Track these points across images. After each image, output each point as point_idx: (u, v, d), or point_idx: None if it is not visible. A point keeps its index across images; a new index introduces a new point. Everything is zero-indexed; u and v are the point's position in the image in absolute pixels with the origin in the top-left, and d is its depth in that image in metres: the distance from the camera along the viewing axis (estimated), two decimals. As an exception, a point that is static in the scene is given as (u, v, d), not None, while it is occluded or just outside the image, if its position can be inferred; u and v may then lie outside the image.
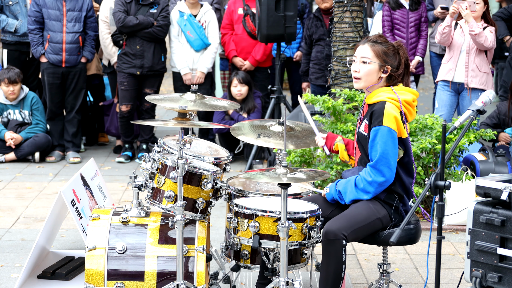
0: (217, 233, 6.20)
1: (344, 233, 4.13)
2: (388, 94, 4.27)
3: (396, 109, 4.23)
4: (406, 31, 8.54)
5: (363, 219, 4.22)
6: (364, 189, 4.26)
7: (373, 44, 4.32)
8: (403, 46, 4.41)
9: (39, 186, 7.60)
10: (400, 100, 4.25)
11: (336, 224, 4.16)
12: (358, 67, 4.34)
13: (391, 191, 4.30)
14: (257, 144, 4.60)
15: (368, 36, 4.41)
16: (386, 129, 4.18)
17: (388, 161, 4.19)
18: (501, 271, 4.03)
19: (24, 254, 5.69)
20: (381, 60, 4.30)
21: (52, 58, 8.43)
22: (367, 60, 4.31)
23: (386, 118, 4.19)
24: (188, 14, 8.64)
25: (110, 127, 9.18)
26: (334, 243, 4.12)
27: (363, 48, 4.34)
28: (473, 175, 6.57)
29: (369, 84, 4.35)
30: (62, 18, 8.40)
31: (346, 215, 4.23)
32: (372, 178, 4.21)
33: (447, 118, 7.61)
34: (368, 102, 4.34)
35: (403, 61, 4.36)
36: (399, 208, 4.32)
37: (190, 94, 4.66)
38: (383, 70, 4.32)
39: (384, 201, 4.30)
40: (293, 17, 8.17)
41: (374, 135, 4.21)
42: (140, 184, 4.53)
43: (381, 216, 4.27)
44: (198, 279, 4.34)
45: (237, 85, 8.43)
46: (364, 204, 4.29)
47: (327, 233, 4.14)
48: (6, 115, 8.64)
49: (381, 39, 4.37)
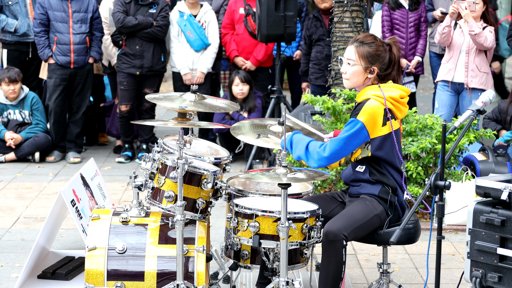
0: (217, 233, 6.20)
1: (344, 233, 4.14)
2: (373, 91, 4.29)
3: (379, 106, 4.23)
4: (406, 31, 8.54)
5: (362, 217, 4.23)
6: (311, 153, 4.25)
7: (359, 46, 4.31)
8: (397, 43, 4.39)
9: (39, 186, 7.60)
10: (385, 97, 4.25)
11: (336, 224, 4.16)
12: (345, 68, 4.37)
13: (385, 184, 4.31)
14: (257, 144, 4.60)
15: (357, 36, 4.40)
16: (359, 123, 4.22)
17: (343, 149, 4.22)
18: (501, 271, 4.03)
19: (24, 254, 5.69)
20: (366, 62, 4.30)
21: (60, 59, 8.43)
22: (351, 62, 4.32)
23: (363, 114, 4.22)
24: (188, 14, 8.64)
25: (111, 128, 9.19)
26: (335, 243, 4.12)
27: (350, 49, 4.35)
28: (473, 175, 6.57)
29: (356, 84, 4.37)
30: (68, 20, 8.40)
31: (345, 215, 4.24)
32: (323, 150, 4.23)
33: (447, 118, 7.61)
34: (358, 100, 4.38)
35: (395, 59, 4.36)
36: (394, 203, 4.33)
37: (190, 94, 4.67)
38: (369, 71, 4.32)
39: (379, 196, 4.30)
40: (293, 17, 8.17)
41: (348, 123, 4.26)
42: (140, 184, 4.53)
43: (379, 212, 4.28)
44: (198, 279, 4.34)
45: (239, 84, 8.43)
46: (361, 202, 4.30)
47: (327, 234, 4.14)
48: (6, 115, 8.64)
49: (368, 39, 4.34)
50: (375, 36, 4.39)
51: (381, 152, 4.29)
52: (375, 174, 4.33)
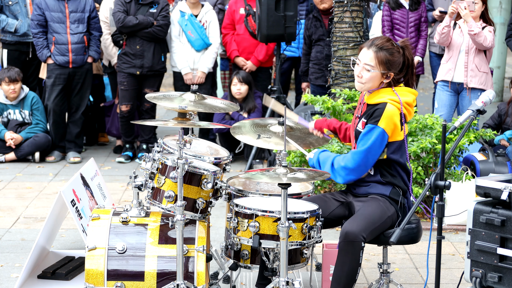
0: (217, 233, 6.20)
1: (363, 234, 4.15)
2: (389, 96, 4.27)
3: (396, 111, 4.24)
4: (406, 31, 8.54)
5: (378, 218, 4.24)
6: (337, 171, 4.30)
7: (378, 51, 4.27)
8: (409, 45, 4.37)
9: (39, 186, 7.60)
10: (402, 102, 4.26)
11: (357, 225, 4.16)
12: (361, 73, 4.32)
13: (396, 185, 4.33)
14: (257, 145, 4.60)
15: (374, 40, 4.33)
16: (380, 130, 4.22)
17: (368, 159, 4.24)
18: (501, 271, 4.03)
19: (24, 254, 5.69)
20: (384, 68, 4.28)
21: (59, 59, 8.43)
22: (370, 68, 4.28)
23: (383, 120, 4.22)
24: (189, 14, 8.64)
25: (111, 128, 9.18)
26: (354, 244, 4.13)
27: (368, 54, 4.29)
28: (473, 175, 6.57)
29: (370, 89, 4.36)
30: (65, 20, 8.40)
31: (363, 215, 4.24)
32: (348, 165, 4.26)
33: (447, 118, 7.61)
34: (368, 102, 4.35)
35: (408, 62, 4.34)
36: (404, 204, 4.35)
37: (190, 94, 4.67)
38: (385, 76, 4.31)
39: (390, 197, 4.32)
40: (293, 17, 8.16)
41: (368, 131, 4.24)
42: (140, 184, 4.53)
43: (391, 214, 4.31)
44: (198, 279, 4.34)
45: (237, 84, 8.43)
46: (375, 202, 4.31)
47: (348, 234, 4.13)
48: (6, 115, 8.64)
49: (387, 44, 4.29)
50: (392, 41, 4.34)
51: (396, 155, 4.32)
52: (386, 176, 4.34)
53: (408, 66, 4.35)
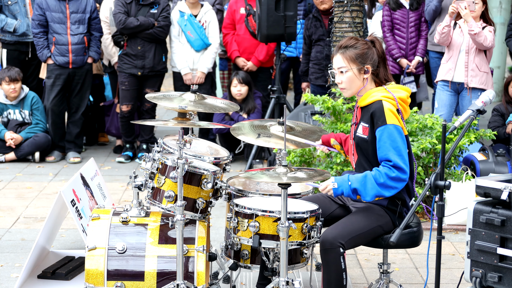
0: (217, 233, 6.20)
1: (340, 241, 4.10)
2: (382, 93, 4.24)
3: (393, 107, 4.21)
4: (406, 31, 8.54)
5: (362, 226, 4.19)
6: (385, 183, 4.11)
7: (344, 51, 4.27)
8: (378, 39, 4.35)
9: (39, 186, 7.60)
10: (396, 98, 4.23)
11: (333, 233, 4.13)
12: (339, 78, 4.30)
13: (394, 197, 4.28)
14: (257, 144, 4.60)
15: (338, 44, 4.34)
16: (392, 127, 4.15)
17: (403, 156, 4.13)
18: (501, 271, 4.03)
19: (24, 254, 5.69)
20: (357, 64, 4.25)
21: (59, 60, 8.44)
22: (343, 69, 4.27)
23: (388, 116, 4.16)
24: (189, 14, 8.64)
25: (111, 127, 9.19)
26: (331, 251, 4.10)
27: (337, 59, 4.30)
28: (473, 175, 6.57)
29: (357, 90, 4.31)
30: (66, 21, 8.40)
31: (343, 223, 4.21)
32: (395, 174, 4.12)
33: (447, 118, 7.61)
34: (361, 105, 4.30)
35: (379, 54, 4.30)
36: (402, 213, 4.30)
37: (190, 94, 4.67)
38: (363, 71, 4.29)
39: (387, 208, 4.28)
40: (293, 17, 8.17)
41: (381, 135, 4.16)
42: (140, 184, 4.53)
43: (382, 223, 4.25)
44: (198, 279, 4.34)
45: (237, 85, 8.43)
46: (362, 211, 4.27)
47: (323, 242, 4.12)
48: (6, 115, 8.64)
49: (351, 41, 4.29)
50: (355, 37, 4.35)
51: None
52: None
53: (380, 59, 4.31)
